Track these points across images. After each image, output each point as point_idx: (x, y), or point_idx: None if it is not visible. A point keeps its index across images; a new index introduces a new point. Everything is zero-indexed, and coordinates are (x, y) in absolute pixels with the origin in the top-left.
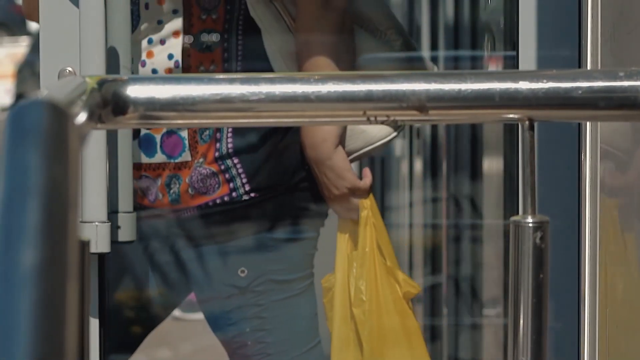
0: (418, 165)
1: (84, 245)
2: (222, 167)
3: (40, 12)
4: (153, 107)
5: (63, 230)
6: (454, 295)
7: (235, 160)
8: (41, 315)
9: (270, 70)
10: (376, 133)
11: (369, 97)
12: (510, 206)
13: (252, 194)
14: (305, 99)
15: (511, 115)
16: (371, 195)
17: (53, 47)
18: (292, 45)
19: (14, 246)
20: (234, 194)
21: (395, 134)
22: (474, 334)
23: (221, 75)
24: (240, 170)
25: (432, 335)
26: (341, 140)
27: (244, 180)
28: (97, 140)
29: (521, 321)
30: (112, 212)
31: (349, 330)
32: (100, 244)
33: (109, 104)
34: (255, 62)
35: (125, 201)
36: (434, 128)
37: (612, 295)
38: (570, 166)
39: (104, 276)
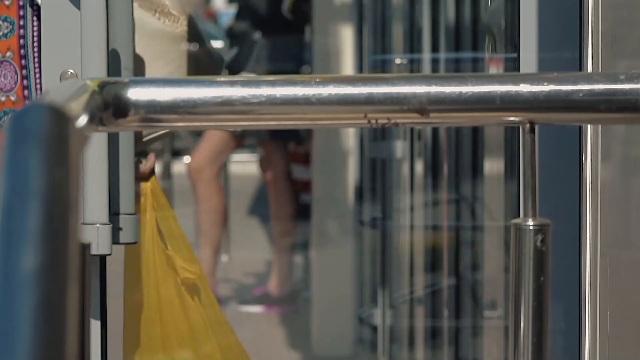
0: (419, 167)
1: (85, 247)
2: None
3: (42, 14)
4: (154, 109)
5: (64, 233)
6: (454, 298)
7: None
8: (42, 318)
9: None
10: None
11: (369, 100)
12: (511, 208)
13: None
14: (306, 101)
15: (512, 118)
16: (153, 179)
17: (54, 49)
18: None
19: (14, 249)
20: None
21: None
22: (475, 337)
23: (222, 78)
24: None
25: (433, 337)
26: None
27: None
28: (98, 141)
29: (522, 324)
30: (114, 214)
31: (137, 324)
32: (101, 245)
33: (110, 107)
34: None
35: (126, 203)
36: (435, 129)
37: (613, 297)
38: (571, 168)
39: (105, 278)
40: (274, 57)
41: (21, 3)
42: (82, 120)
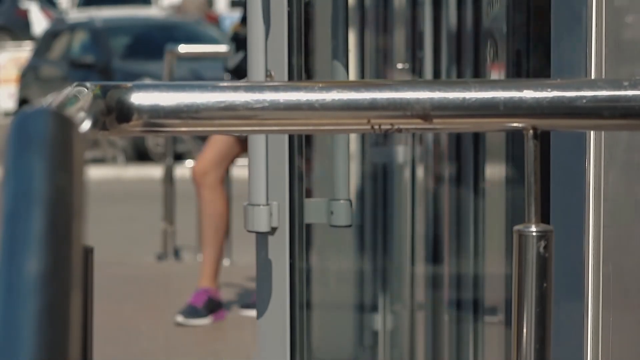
0: (420, 171)
1: (88, 252)
2: None
3: (248, 16)
4: (157, 114)
5: (67, 238)
6: (456, 303)
7: None
8: (45, 322)
9: None
10: None
11: (373, 106)
12: (513, 214)
13: None
14: (310, 107)
15: (515, 124)
16: None
17: (261, 50)
18: None
19: (18, 254)
20: None
21: None
22: (476, 343)
23: (225, 83)
24: None
25: (433, 339)
26: None
27: None
28: None
29: (524, 330)
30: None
31: None
32: None
33: (113, 112)
34: None
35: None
36: (437, 134)
37: (616, 304)
38: (576, 174)
39: None
40: None
41: None
42: (85, 125)
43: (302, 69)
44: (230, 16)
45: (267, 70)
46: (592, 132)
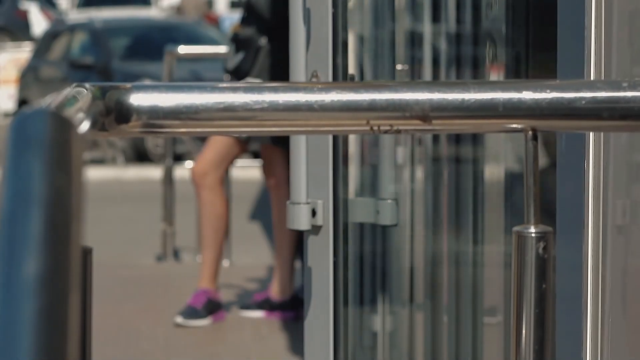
0: (419, 172)
1: (87, 253)
2: None
3: (290, 17)
4: (156, 115)
5: (66, 239)
6: (455, 304)
7: None
8: (44, 323)
9: None
10: None
11: (372, 107)
12: (512, 215)
13: None
14: (309, 108)
15: (514, 125)
16: None
17: (301, 51)
18: None
19: (17, 255)
20: None
21: None
22: (475, 344)
23: (224, 84)
24: None
25: (433, 342)
26: None
27: None
28: None
29: (524, 332)
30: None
31: None
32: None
33: (112, 112)
34: None
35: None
36: (436, 135)
37: (615, 305)
38: (574, 175)
39: None
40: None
41: None
42: (84, 125)
43: (347, 69)
44: (230, 17)
45: (312, 71)
46: (591, 133)
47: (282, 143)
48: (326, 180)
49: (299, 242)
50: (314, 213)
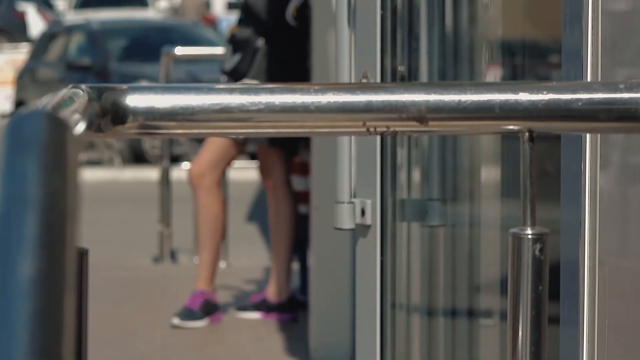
0: (416, 174)
1: (82, 254)
2: None
3: (336, 19)
4: (152, 116)
5: (61, 240)
6: (451, 305)
7: None
8: (39, 325)
9: None
10: None
11: (368, 108)
12: (508, 217)
13: None
14: (305, 109)
15: (511, 127)
16: None
17: (348, 51)
18: None
19: (12, 256)
20: None
21: None
22: (472, 345)
23: (221, 85)
24: None
25: (430, 343)
26: None
27: None
28: None
29: (520, 333)
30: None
31: None
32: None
33: (108, 114)
34: None
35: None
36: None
37: (612, 306)
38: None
39: None
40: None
41: None
42: (80, 127)
43: (396, 70)
44: (227, 18)
45: (363, 72)
46: (588, 135)
47: (279, 144)
48: (374, 180)
49: (295, 243)
50: (362, 212)
